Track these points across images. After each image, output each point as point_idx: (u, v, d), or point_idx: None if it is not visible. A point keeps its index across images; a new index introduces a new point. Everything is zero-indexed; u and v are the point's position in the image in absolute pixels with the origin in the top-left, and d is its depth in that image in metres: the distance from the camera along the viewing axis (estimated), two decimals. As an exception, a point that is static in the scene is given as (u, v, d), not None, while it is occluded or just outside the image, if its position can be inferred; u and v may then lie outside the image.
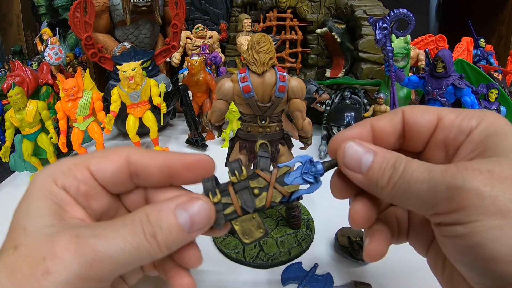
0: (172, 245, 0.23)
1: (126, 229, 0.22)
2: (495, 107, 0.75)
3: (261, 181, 0.25)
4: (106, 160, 0.25)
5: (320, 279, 0.45)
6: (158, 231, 0.22)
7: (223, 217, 0.25)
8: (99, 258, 0.20)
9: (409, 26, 0.60)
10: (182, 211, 0.23)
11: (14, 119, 0.70)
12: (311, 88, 0.84)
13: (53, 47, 1.02)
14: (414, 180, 0.21)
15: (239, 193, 0.25)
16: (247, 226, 0.25)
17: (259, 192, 0.25)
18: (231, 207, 0.25)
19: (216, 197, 0.25)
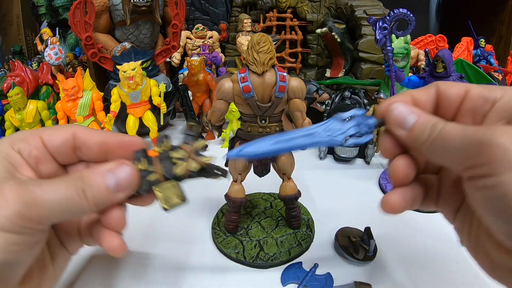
0: (99, 202, 0.28)
1: (62, 183, 0.27)
2: (495, 107, 0.75)
3: (181, 152, 0.30)
4: (56, 131, 0.30)
5: (320, 279, 0.45)
6: (88, 188, 0.27)
7: (147, 183, 0.29)
8: (36, 201, 0.25)
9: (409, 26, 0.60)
10: (110, 174, 0.28)
11: (14, 119, 0.70)
12: (311, 88, 0.84)
13: (53, 47, 1.02)
14: (450, 136, 0.25)
15: (162, 162, 0.29)
16: (168, 193, 0.29)
17: (178, 162, 0.29)
18: (154, 174, 0.29)
19: (142, 164, 0.29)
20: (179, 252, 0.51)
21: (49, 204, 0.25)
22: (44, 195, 0.25)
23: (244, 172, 0.50)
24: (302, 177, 0.71)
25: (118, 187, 0.28)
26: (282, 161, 0.49)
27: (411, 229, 0.57)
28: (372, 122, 0.31)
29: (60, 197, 0.26)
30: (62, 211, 0.26)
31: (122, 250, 0.31)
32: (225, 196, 0.51)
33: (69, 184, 0.27)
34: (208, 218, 0.59)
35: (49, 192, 0.26)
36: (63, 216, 0.27)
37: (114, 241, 0.30)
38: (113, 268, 0.48)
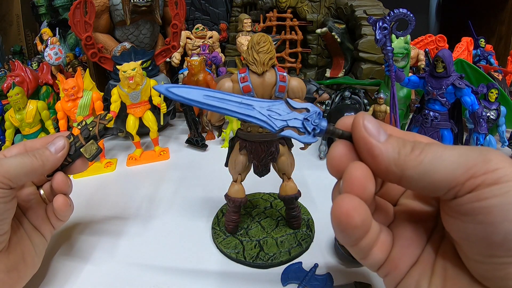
0: (45, 158, 0.40)
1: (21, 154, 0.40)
2: (495, 107, 0.75)
3: (93, 123, 0.46)
4: (12, 147, 0.43)
5: (320, 279, 0.45)
6: (36, 152, 0.40)
7: (76, 148, 0.44)
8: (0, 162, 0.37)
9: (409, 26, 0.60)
10: (50, 143, 0.42)
11: (14, 119, 0.70)
12: (311, 88, 0.84)
13: (53, 47, 1.02)
14: (441, 149, 0.22)
15: (82, 133, 0.45)
16: (89, 149, 0.45)
17: (92, 129, 0.46)
18: (79, 141, 0.44)
19: (71, 138, 0.44)
20: (179, 252, 0.51)
21: (9, 163, 0.37)
22: (6, 160, 0.38)
23: (244, 172, 0.50)
24: (302, 177, 0.71)
25: (56, 150, 0.42)
26: (282, 161, 0.49)
27: (411, 229, 0.57)
28: (323, 125, 0.28)
29: (17, 159, 0.38)
30: (21, 168, 0.37)
31: (65, 205, 0.43)
32: (225, 196, 0.51)
33: (24, 154, 0.39)
34: (208, 218, 0.59)
35: (10, 158, 0.38)
36: (21, 172, 0.38)
37: (59, 199, 0.43)
38: (113, 268, 0.48)
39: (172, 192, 0.68)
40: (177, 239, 0.54)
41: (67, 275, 0.47)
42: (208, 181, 0.71)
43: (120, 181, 0.75)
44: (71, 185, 0.45)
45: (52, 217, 0.45)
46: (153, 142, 0.85)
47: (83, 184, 0.75)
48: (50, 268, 0.49)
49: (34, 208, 0.44)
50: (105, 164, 0.80)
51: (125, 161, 0.83)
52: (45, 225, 0.45)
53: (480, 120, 0.65)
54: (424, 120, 0.64)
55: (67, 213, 0.45)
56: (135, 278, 0.46)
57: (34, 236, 0.44)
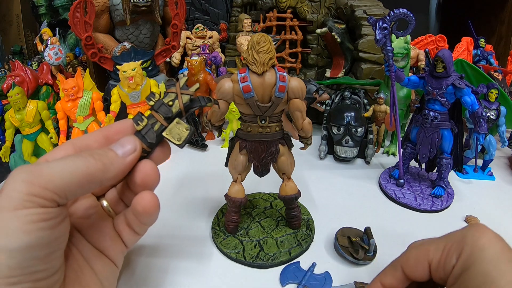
0: (107, 161, 0.28)
1: (70, 155, 0.28)
2: (495, 107, 0.75)
3: (171, 95, 0.33)
4: (56, 149, 0.31)
5: (319, 278, 0.45)
6: (94, 153, 0.28)
7: (154, 132, 0.32)
8: (39, 169, 0.25)
9: (409, 26, 0.60)
10: (115, 145, 0.30)
11: (14, 119, 0.70)
12: (311, 88, 0.84)
13: (53, 47, 1.02)
14: None
15: (158, 110, 0.32)
16: (176, 131, 0.32)
17: (172, 103, 0.32)
18: (157, 123, 0.32)
19: (144, 121, 0.32)
20: (179, 252, 0.51)
21: (53, 168, 0.25)
22: (49, 164, 0.26)
23: (244, 172, 0.50)
24: (302, 177, 0.71)
25: (124, 152, 0.30)
26: (282, 161, 0.49)
27: (411, 229, 0.57)
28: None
29: (66, 162, 0.26)
30: (71, 175, 0.26)
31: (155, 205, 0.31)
32: (225, 196, 0.51)
33: (76, 155, 0.27)
34: (208, 218, 0.59)
35: (55, 162, 0.26)
36: (72, 181, 0.26)
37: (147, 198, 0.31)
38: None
39: (172, 192, 0.68)
40: (177, 239, 0.54)
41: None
42: (208, 181, 0.71)
43: (120, 181, 0.76)
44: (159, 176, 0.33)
45: (125, 231, 0.33)
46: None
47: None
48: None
49: (97, 226, 0.32)
50: (105, 164, 0.80)
51: (125, 161, 0.83)
52: (114, 246, 0.33)
53: (480, 120, 0.65)
54: (424, 120, 0.64)
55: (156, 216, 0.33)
56: (134, 278, 0.46)
57: (100, 264, 0.32)
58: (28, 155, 0.73)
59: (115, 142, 0.31)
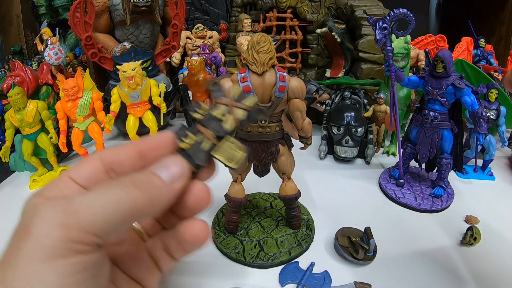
0: (155, 192, 0.23)
1: (105, 185, 0.22)
2: (495, 107, 0.75)
3: (222, 108, 0.27)
4: (82, 164, 0.26)
5: (318, 278, 0.45)
6: (137, 180, 0.23)
7: (203, 152, 0.26)
8: (74, 206, 0.20)
9: (409, 26, 0.60)
10: (158, 166, 0.25)
11: (14, 119, 0.70)
12: (311, 88, 0.84)
13: (53, 47, 1.02)
14: None
15: (208, 126, 0.27)
16: (228, 151, 0.27)
17: (224, 118, 0.27)
18: (206, 141, 0.26)
19: (189, 138, 0.26)
20: (179, 252, 0.51)
21: (93, 206, 0.21)
22: (85, 199, 0.21)
23: (244, 172, 0.50)
24: (302, 177, 0.71)
25: (172, 177, 0.25)
26: (282, 161, 0.49)
27: (411, 229, 0.57)
28: None
29: (105, 194, 0.21)
30: (108, 212, 0.21)
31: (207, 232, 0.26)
32: (225, 196, 0.51)
33: (115, 183, 0.23)
34: (208, 218, 0.59)
35: (91, 194, 0.21)
36: (116, 219, 0.21)
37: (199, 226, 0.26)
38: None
39: (172, 192, 0.68)
40: (177, 239, 0.54)
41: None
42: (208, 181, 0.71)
43: (120, 181, 0.75)
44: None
45: (162, 258, 0.28)
46: (153, 142, 0.85)
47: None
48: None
49: (130, 253, 0.28)
50: (105, 164, 0.80)
51: (125, 161, 0.83)
52: (150, 275, 0.29)
53: (480, 120, 0.65)
54: (424, 120, 0.64)
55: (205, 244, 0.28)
56: (135, 278, 0.46)
57: None
58: (28, 155, 0.73)
59: (151, 159, 0.27)
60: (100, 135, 0.78)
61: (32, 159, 0.74)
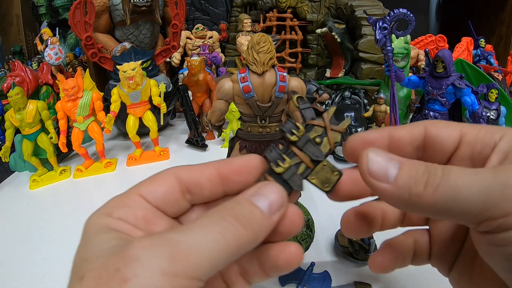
0: (257, 227, 0.21)
1: (204, 220, 0.20)
2: (495, 107, 0.75)
3: (317, 129, 0.25)
4: (155, 182, 0.24)
5: (318, 278, 0.45)
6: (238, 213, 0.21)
7: (299, 176, 0.25)
8: (181, 249, 0.18)
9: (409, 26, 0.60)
10: (257, 196, 0.22)
11: (14, 119, 0.70)
12: (311, 88, 0.84)
13: (53, 47, 1.02)
14: (461, 182, 0.20)
15: (304, 149, 0.25)
16: (323, 175, 0.26)
17: (320, 140, 0.25)
18: (302, 164, 0.25)
19: (286, 161, 0.25)
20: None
21: (198, 249, 0.19)
22: (189, 240, 0.19)
23: (244, 172, 0.50)
24: (302, 177, 0.71)
25: (271, 209, 0.23)
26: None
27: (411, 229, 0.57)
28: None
29: (209, 233, 0.19)
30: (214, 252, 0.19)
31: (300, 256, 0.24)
32: (225, 196, 0.51)
33: (214, 217, 0.21)
34: (208, 218, 0.58)
35: (193, 233, 0.19)
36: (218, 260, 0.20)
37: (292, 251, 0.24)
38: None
39: (172, 192, 0.68)
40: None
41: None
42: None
43: (120, 181, 0.75)
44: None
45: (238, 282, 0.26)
46: (153, 142, 0.85)
47: (84, 184, 0.76)
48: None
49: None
50: (105, 164, 0.80)
51: (125, 161, 0.83)
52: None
53: (480, 120, 0.65)
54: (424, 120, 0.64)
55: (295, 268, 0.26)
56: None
57: None
58: (28, 155, 0.73)
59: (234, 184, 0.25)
60: (100, 135, 0.78)
61: (32, 159, 0.74)
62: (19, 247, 0.56)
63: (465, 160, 0.24)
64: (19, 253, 0.55)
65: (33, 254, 0.54)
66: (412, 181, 0.21)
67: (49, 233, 0.58)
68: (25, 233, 0.59)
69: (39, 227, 0.60)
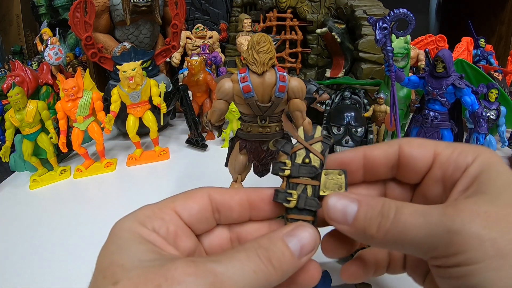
0: (286, 268, 0.23)
1: (241, 254, 0.22)
2: (495, 107, 0.75)
3: (300, 153, 0.28)
4: (190, 200, 0.26)
5: (320, 279, 0.45)
6: (272, 255, 0.22)
7: (312, 198, 0.27)
8: (220, 280, 0.20)
9: (409, 26, 0.60)
10: (291, 237, 0.24)
11: (14, 119, 0.70)
12: (311, 88, 0.84)
13: (53, 47, 1.02)
14: (409, 226, 0.22)
15: (300, 174, 0.27)
16: (331, 183, 0.27)
17: (308, 159, 0.27)
18: (308, 187, 0.27)
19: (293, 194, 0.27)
20: (179, 252, 0.51)
21: (234, 281, 0.20)
22: (227, 272, 0.20)
23: (244, 172, 0.50)
24: (302, 177, 0.71)
25: (302, 252, 0.24)
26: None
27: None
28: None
29: (245, 269, 0.21)
30: (247, 286, 0.21)
31: (318, 275, 0.26)
32: (225, 196, 0.51)
33: (250, 254, 0.22)
34: (208, 218, 0.58)
35: (231, 267, 0.21)
36: None
37: (312, 272, 0.26)
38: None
39: (172, 192, 0.68)
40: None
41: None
42: (208, 181, 0.71)
43: (120, 181, 0.75)
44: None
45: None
46: (153, 142, 0.85)
47: (84, 184, 0.76)
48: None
49: None
50: (105, 164, 0.80)
51: (125, 161, 0.83)
52: None
53: (480, 120, 0.65)
54: (424, 120, 0.64)
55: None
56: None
57: None
58: (28, 155, 0.73)
59: (260, 211, 0.27)
60: (100, 135, 0.79)
61: (32, 159, 0.74)
62: (19, 247, 0.56)
63: (437, 182, 0.26)
64: (19, 253, 0.55)
65: (33, 254, 0.54)
66: (366, 224, 0.23)
67: (49, 233, 0.58)
68: (25, 233, 0.59)
69: (39, 227, 0.60)
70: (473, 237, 0.20)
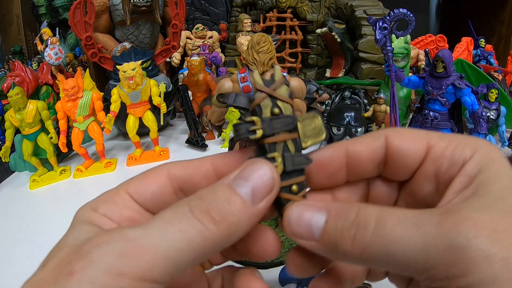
0: (235, 220, 0.18)
1: (167, 213, 0.18)
2: (495, 107, 0.75)
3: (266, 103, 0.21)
4: (144, 180, 0.22)
5: (320, 279, 0.45)
6: (211, 205, 0.18)
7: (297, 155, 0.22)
8: (134, 246, 0.16)
9: (409, 26, 0.60)
10: (239, 180, 0.19)
11: (14, 119, 0.70)
12: (311, 88, 0.84)
13: (53, 47, 1.02)
14: (396, 238, 0.17)
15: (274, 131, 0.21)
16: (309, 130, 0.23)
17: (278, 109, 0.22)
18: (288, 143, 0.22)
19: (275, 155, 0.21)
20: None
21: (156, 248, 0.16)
22: (142, 236, 0.17)
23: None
24: (302, 177, 0.71)
25: (256, 196, 0.19)
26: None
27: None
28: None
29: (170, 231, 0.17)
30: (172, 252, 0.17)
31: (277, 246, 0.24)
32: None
33: (179, 210, 0.18)
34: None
35: (149, 229, 0.17)
36: (183, 260, 0.17)
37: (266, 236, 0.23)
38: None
39: (172, 192, 0.68)
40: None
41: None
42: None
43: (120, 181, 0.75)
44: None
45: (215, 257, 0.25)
46: (153, 142, 0.85)
47: (84, 184, 0.76)
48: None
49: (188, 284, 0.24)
50: (105, 164, 0.80)
51: (125, 161, 0.83)
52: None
53: (480, 120, 0.65)
54: (424, 120, 0.64)
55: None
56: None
57: None
58: (28, 155, 0.73)
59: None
60: (100, 135, 0.78)
61: (32, 159, 0.74)
62: (19, 247, 0.56)
63: (429, 178, 0.21)
64: (19, 253, 0.55)
65: (33, 254, 0.54)
66: (338, 237, 0.18)
67: (49, 233, 0.58)
68: (25, 233, 0.59)
69: (39, 227, 0.60)
70: (482, 256, 0.15)
